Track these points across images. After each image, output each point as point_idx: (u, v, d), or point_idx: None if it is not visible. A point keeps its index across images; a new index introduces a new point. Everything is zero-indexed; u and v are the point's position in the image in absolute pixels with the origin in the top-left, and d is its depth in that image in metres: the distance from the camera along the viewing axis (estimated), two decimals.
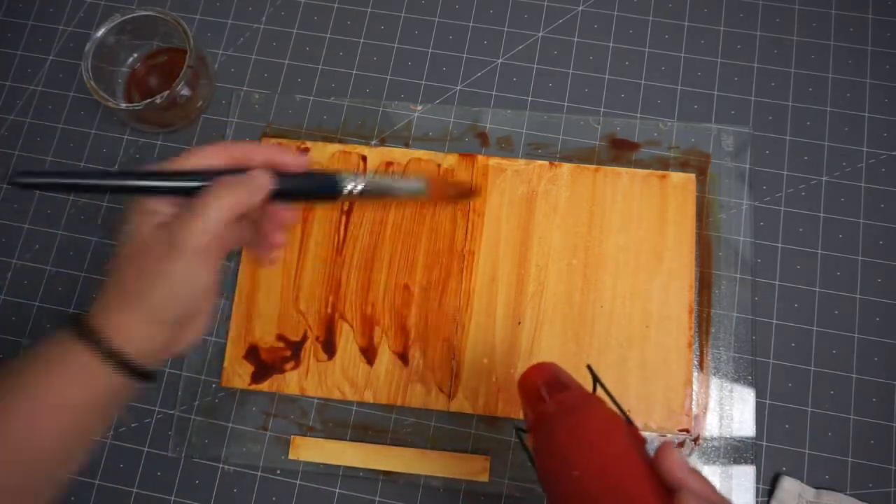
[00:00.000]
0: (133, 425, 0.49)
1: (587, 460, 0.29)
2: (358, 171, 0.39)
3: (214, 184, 0.33)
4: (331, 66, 0.56)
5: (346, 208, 0.51)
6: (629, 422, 0.32)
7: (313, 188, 0.38)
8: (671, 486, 0.27)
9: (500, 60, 0.56)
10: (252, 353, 0.49)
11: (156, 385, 0.50)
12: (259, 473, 0.48)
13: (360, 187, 0.39)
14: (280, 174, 0.35)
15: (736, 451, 0.47)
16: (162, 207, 0.33)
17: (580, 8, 0.57)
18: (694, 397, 0.47)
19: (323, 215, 0.51)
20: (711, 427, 0.47)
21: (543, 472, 0.31)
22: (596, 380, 0.35)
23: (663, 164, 0.52)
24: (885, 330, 0.49)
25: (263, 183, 0.34)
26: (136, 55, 0.55)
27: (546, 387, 0.34)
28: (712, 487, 0.28)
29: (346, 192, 0.38)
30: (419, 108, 0.54)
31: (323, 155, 0.52)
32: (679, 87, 0.54)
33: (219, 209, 0.32)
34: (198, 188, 0.33)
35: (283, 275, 0.50)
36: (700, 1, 0.56)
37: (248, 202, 0.33)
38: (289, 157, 0.36)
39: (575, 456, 0.30)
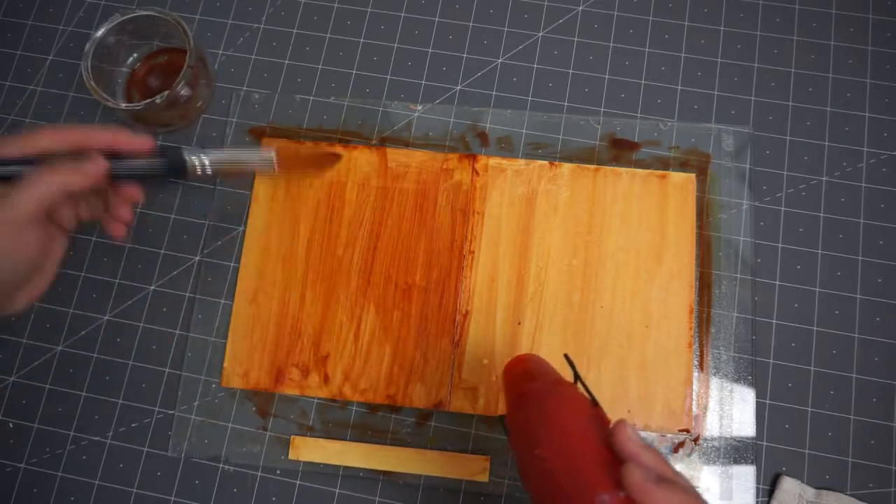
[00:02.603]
0: (133, 425, 0.49)
1: (547, 439, 0.31)
2: (205, 148, 0.41)
3: (42, 167, 0.35)
4: (331, 66, 0.56)
5: (344, 209, 0.51)
6: (595, 403, 0.33)
7: (154, 171, 0.40)
8: (623, 459, 0.28)
9: (500, 60, 0.56)
10: (252, 353, 0.49)
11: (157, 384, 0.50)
12: (259, 473, 0.48)
13: (206, 165, 0.40)
14: (119, 156, 0.37)
15: (736, 451, 0.47)
16: None
17: (580, 8, 0.57)
18: (694, 397, 0.47)
19: (323, 215, 0.51)
20: (711, 427, 0.47)
21: (514, 451, 0.33)
22: (572, 367, 0.37)
23: (663, 164, 0.52)
24: (885, 330, 0.49)
25: (95, 170, 0.36)
26: (136, 55, 0.55)
27: (524, 375, 0.36)
28: (665, 462, 0.29)
29: (190, 171, 0.40)
30: (419, 108, 0.54)
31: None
32: (679, 87, 0.54)
33: (40, 189, 0.34)
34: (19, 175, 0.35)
35: (283, 275, 0.50)
36: (700, 1, 0.56)
37: (76, 186, 0.35)
38: (129, 140, 0.38)
39: (538, 435, 0.31)
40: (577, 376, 0.36)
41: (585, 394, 0.34)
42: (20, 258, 0.35)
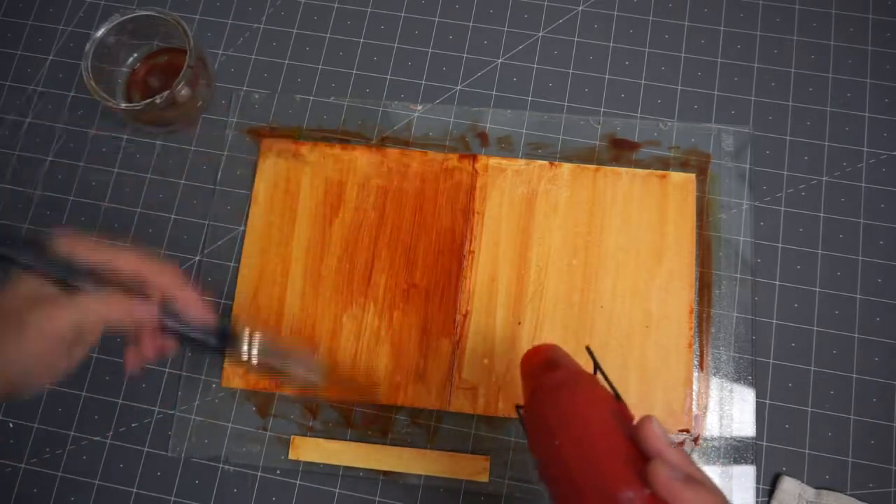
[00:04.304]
0: (133, 425, 0.49)
1: (566, 430, 0.30)
2: (261, 337, 0.39)
3: (103, 296, 0.33)
4: (331, 66, 0.56)
5: (343, 211, 0.51)
6: (618, 398, 0.32)
7: (202, 345, 0.38)
8: (648, 456, 0.28)
9: (500, 60, 0.56)
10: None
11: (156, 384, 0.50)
12: (259, 473, 0.48)
13: (253, 357, 0.39)
14: (176, 316, 0.36)
15: (736, 451, 0.47)
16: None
17: (580, 8, 0.57)
18: (694, 397, 0.47)
19: (323, 215, 0.51)
20: (711, 427, 0.47)
21: (532, 442, 0.33)
22: (594, 359, 0.36)
23: (663, 164, 0.52)
24: (885, 330, 0.49)
25: (146, 320, 0.35)
26: (136, 55, 0.55)
27: (544, 365, 0.36)
28: (691, 462, 0.28)
29: (236, 357, 0.38)
30: (419, 108, 0.54)
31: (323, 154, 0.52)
32: (679, 87, 0.54)
33: (90, 317, 0.33)
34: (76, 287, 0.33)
35: (283, 275, 0.50)
36: (700, 1, 0.56)
37: (121, 325, 0.34)
38: (193, 305, 0.36)
39: (556, 426, 0.31)
40: (598, 369, 0.35)
41: (608, 387, 0.33)
42: (43, 366, 0.34)
